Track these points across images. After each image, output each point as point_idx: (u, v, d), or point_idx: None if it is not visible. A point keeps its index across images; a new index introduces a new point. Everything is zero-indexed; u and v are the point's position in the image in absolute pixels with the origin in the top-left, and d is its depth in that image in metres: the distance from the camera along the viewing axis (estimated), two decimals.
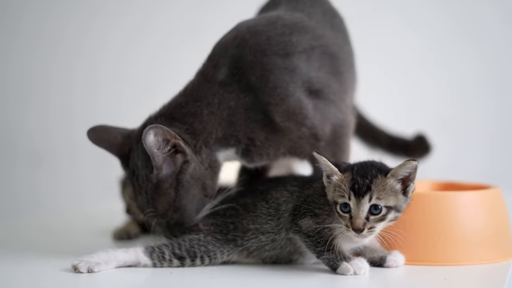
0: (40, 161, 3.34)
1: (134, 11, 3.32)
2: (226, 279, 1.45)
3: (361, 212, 1.39)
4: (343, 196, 1.40)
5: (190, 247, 1.52)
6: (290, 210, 1.50)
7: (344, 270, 1.42)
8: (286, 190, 1.53)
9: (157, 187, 1.53)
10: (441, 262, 1.53)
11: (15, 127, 3.38)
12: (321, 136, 1.62)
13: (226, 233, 1.54)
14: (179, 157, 1.54)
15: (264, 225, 1.51)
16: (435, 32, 3.17)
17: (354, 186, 1.40)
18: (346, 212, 1.41)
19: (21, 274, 1.50)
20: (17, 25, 3.34)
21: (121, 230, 1.92)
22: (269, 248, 1.52)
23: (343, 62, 1.71)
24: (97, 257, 1.47)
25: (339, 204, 1.41)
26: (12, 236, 1.99)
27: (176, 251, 1.51)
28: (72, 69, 3.35)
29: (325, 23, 1.72)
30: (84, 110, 3.30)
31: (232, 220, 1.55)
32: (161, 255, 1.50)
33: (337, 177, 1.43)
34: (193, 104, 1.59)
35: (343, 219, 1.41)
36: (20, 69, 3.37)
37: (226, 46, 1.62)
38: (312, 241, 1.45)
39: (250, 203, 1.55)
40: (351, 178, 1.41)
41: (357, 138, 2.21)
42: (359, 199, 1.40)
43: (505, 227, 1.62)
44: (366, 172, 1.41)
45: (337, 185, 1.42)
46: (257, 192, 1.56)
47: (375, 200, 1.40)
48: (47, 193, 3.34)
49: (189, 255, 1.51)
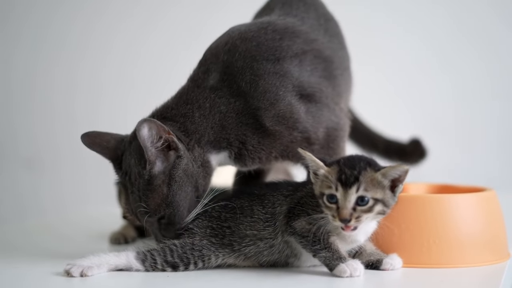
0: (42, 164, 3.34)
1: (138, 15, 3.33)
2: (222, 282, 1.45)
3: (347, 202, 1.40)
4: (330, 187, 1.41)
5: (183, 253, 1.50)
6: (284, 212, 1.50)
7: (341, 271, 1.42)
8: (282, 194, 1.53)
9: (150, 183, 1.52)
10: (437, 264, 1.53)
11: (19, 130, 3.39)
12: (314, 139, 1.63)
13: (222, 237, 1.52)
14: (172, 154, 1.53)
15: (262, 231, 1.51)
16: (435, 34, 3.17)
17: (341, 177, 1.40)
18: (332, 203, 1.41)
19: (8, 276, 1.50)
20: (21, 28, 3.35)
21: (117, 234, 1.92)
22: (267, 254, 1.51)
23: (337, 66, 1.72)
24: (89, 261, 1.46)
25: (325, 195, 1.42)
26: (15, 239, 1.99)
27: (168, 258, 1.49)
28: (75, 73, 3.36)
29: (318, 27, 1.73)
30: (87, 114, 3.31)
31: (229, 224, 1.53)
32: (153, 262, 1.48)
33: (323, 171, 1.43)
34: (184, 106, 1.60)
35: (329, 210, 1.41)
36: (24, 72, 3.38)
37: (217, 52, 1.63)
38: (307, 241, 1.45)
39: (247, 207, 1.54)
40: (338, 169, 1.42)
41: (353, 142, 2.22)
42: (346, 189, 1.40)
43: (500, 229, 1.62)
44: (354, 164, 1.42)
45: (324, 177, 1.43)
46: (254, 195, 1.55)
47: (362, 191, 1.40)
48: (50, 196, 3.35)
49: (182, 261, 1.49)
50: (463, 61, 3.15)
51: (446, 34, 3.16)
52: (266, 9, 1.84)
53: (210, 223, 1.54)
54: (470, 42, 3.15)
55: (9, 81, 3.39)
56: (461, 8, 3.14)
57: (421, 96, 3.20)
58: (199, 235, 1.52)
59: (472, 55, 3.15)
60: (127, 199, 1.59)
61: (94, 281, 1.43)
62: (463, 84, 3.17)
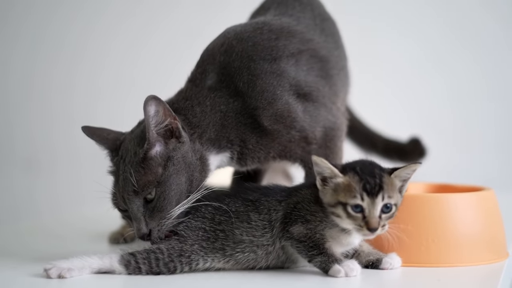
0: (39, 165, 3.33)
1: (137, 16, 3.33)
2: (216, 282, 1.44)
3: (375, 211, 1.40)
4: (355, 197, 1.40)
5: (170, 260, 1.44)
6: (280, 218, 1.48)
7: (335, 272, 1.42)
8: (276, 200, 1.50)
9: (144, 161, 1.47)
10: (435, 263, 1.53)
11: (15, 131, 3.38)
12: (311, 139, 1.62)
13: (214, 241, 1.47)
14: (173, 141, 1.51)
15: (260, 238, 1.48)
16: (432, 37, 3.18)
17: (366, 187, 1.40)
18: (358, 212, 1.41)
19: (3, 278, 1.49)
20: (19, 29, 3.35)
21: (116, 234, 1.91)
22: (264, 261, 1.49)
23: (333, 66, 1.72)
24: (70, 263, 1.43)
25: (349, 205, 1.41)
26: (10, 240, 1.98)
27: (153, 268, 1.44)
28: (73, 74, 3.35)
29: (314, 27, 1.73)
30: (85, 115, 3.30)
31: (223, 228, 1.48)
32: (137, 270, 1.44)
33: (341, 179, 1.42)
34: (184, 102, 1.59)
35: (355, 219, 1.41)
36: (21, 73, 3.38)
37: (214, 53, 1.63)
38: (304, 246, 1.44)
39: (242, 212, 1.50)
40: (359, 178, 1.41)
41: (353, 142, 2.22)
42: (373, 199, 1.40)
43: (499, 229, 1.62)
44: (373, 171, 1.42)
45: (343, 186, 1.42)
46: (248, 201, 1.51)
47: (387, 199, 1.41)
48: (45, 197, 3.34)
49: (168, 269, 1.44)
50: (458, 62, 3.16)
51: (442, 37, 3.17)
52: (261, 9, 1.84)
53: (203, 225, 1.49)
54: (466, 44, 3.15)
55: (7, 82, 3.39)
56: (457, 10, 3.15)
57: (419, 97, 3.20)
58: (191, 239, 1.47)
59: (468, 57, 3.15)
60: (116, 183, 1.54)
61: (72, 283, 1.40)
62: (460, 85, 3.17)
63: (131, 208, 1.49)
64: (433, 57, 3.18)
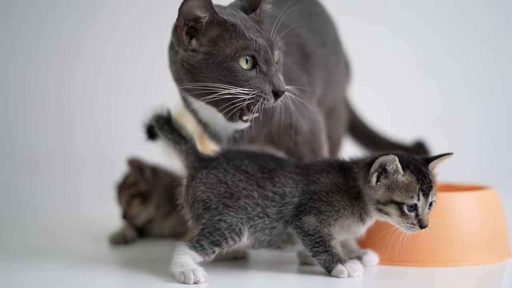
0: (38, 166, 3.33)
1: (135, 15, 3.32)
2: (220, 280, 1.44)
3: (426, 209, 1.43)
4: (413, 197, 1.41)
5: (213, 237, 1.45)
6: (295, 204, 1.47)
7: (338, 272, 1.42)
8: (291, 178, 1.49)
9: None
10: (438, 263, 1.53)
11: (14, 131, 3.38)
12: (300, 130, 1.62)
13: (238, 199, 1.47)
14: (194, 42, 1.53)
15: (267, 209, 1.47)
16: (430, 36, 3.17)
17: (423, 186, 1.42)
18: (412, 211, 1.42)
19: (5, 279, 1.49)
20: (17, 29, 3.34)
21: (117, 235, 1.91)
22: (268, 233, 1.48)
23: (314, 63, 1.71)
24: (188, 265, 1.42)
25: (406, 205, 1.41)
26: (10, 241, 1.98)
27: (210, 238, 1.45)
28: (72, 74, 3.34)
29: (300, 22, 1.72)
30: (84, 115, 3.29)
31: (244, 186, 1.48)
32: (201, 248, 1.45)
33: (401, 177, 1.42)
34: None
35: (408, 218, 1.41)
36: (20, 73, 3.37)
37: None
38: (310, 240, 1.44)
39: (259, 178, 1.49)
40: (416, 178, 1.42)
41: (358, 143, 2.21)
42: (427, 198, 1.42)
43: (502, 228, 1.61)
44: (421, 169, 1.43)
45: (401, 185, 1.41)
46: (265, 169, 1.50)
47: (434, 196, 1.44)
48: (45, 197, 3.33)
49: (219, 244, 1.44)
50: (456, 62, 3.15)
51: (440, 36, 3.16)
52: None
53: (225, 180, 1.48)
54: (464, 43, 3.15)
55: (6, 82, 3.38)
56: (456, 10, 3.15)
57: (419, 97, 3.19)
58: (215, 197, 1.47)
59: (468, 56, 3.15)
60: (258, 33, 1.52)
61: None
62: (460, 85, 3.17)
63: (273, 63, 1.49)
64: (429, 57, 3.18)
